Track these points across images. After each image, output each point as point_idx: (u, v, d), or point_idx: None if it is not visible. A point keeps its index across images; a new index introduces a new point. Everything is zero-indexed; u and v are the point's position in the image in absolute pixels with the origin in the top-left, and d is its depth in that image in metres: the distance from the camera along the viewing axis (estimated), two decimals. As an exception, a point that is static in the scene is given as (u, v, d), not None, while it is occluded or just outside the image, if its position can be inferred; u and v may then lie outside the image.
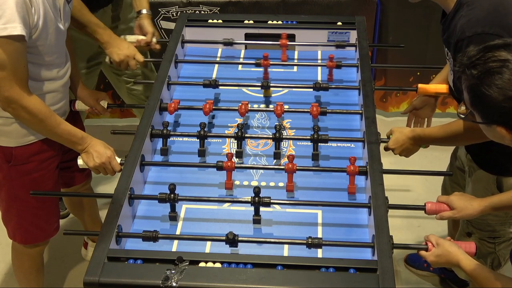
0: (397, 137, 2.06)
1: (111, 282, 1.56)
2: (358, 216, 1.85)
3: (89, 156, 2.00)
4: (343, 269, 1.59)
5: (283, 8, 3.19)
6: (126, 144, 2.01)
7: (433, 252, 1.68)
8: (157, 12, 3.22)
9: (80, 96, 2.34)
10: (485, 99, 1.42)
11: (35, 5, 1.81)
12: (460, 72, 1.48)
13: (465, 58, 1.47)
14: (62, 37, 2.03)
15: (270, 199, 1.78)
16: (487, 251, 2.23)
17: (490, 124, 1.46)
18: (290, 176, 1.91)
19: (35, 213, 2.19)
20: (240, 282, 1.54)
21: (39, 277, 2.42)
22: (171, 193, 1.80)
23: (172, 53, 2.38)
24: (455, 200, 1.81)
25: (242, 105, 2.13)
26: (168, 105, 2.15)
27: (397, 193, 3.08)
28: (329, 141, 2.02)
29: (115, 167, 2.01)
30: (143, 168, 1.95)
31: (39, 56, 1.93)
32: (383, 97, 3.66)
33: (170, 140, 2.09)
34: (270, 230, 1.82)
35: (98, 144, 2.01)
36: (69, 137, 1.98)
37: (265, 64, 2.35)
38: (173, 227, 1.83)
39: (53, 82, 2.04)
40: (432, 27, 3.36)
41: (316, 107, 2.10)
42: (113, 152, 2.02)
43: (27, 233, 2.24)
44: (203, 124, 2.05)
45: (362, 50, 2.39)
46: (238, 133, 2.02)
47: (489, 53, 1.43)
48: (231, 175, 1.92)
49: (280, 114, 2.11)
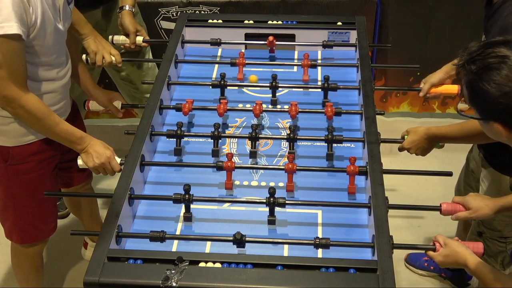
0: (412, 137, 2.06)
1: (111, 282, 1.56)
2: (358, 216, 1.85)
3: (88, 156, 2.00)
4: (343, 269, 1.59)
5: (283, 8, 3.19)
6: (126, 144, 2.01)
7: (441, 252, 1.68)
8: (157, 12, 3.21)
9: (94, 96, 2.33)
10: (483, 94, 1.42)
11: (32, 4, 1.81)
12: (460, 68, 1.48)
13: (465, 54, 1.47)
14: (61, 38, 2.03)
15: (285, 200, 1.78)
16: (498, 250, 2.23)
17: (488, 121, 1.46)
18: (290, 176, 1.91)
19: (32, 212, 2.19)
20: (240, 282, 1.54)
21: (38, 276, 2.42)
22: (186, 193, 1.80)
23: (172, 53, 2.38)
24: (470, 201, 1.81)
25: (256, 105, 2.13)
26: (182, 106, 2.14)
27: (397, 193, 3.08)
28: (328, 142, 2.02)
29: (114, 167, 2.00)
30: (143, 168, 1.95)
31: (36, 56, 1.93)
32: (383, 97, 3.66)
33: (173, 141, 2.09)
34: (270, 230, 1.82)
35: (98, 144, 2.01)
36: (68, 136, 1.98)
37: (239, 63, 2.35)
38: (173, 227, 1.83)
39: (53, 83, 2.04)
40: (432, 27, 3.36)
41: (330, 107, 2.10)
42: (113, 152, 2.01)
43: (24, 233, 2.24)
44: (217, 124, 2.04)
45: (362, 50, 2.39)
46: (252, 133, 2.02)
47: (489, 49, 1.42)
48: (231, 175, 1.92)
49: (295, 115, 2.11)
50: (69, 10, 2.06)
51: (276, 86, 2.24)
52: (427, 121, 3.70)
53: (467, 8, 3.27)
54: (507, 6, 1.83)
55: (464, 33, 3.27)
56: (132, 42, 2.49)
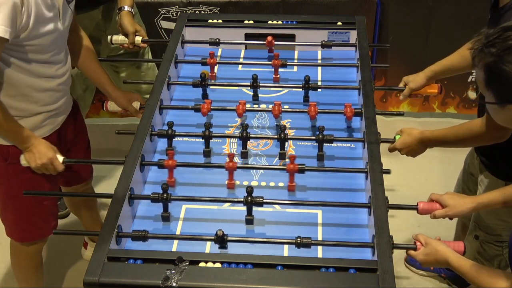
0: (405, 139, 2.05)
1: (111, 282, 1.56)
2: (358, 216, 1.85)
3: (31, 155, 2.01)
4: (343, 269, 1.59)
5: (283, 8, 3.19)
6: (126, 144, 2.01)
7: (422, 251, 1.69)
8: (157, 12, 3.22)
9: (113, 96, 2.34)
10: (503, 76, 1.41)
11: (26, 5, 1.81)
12: (477, 51, 1.47)
13: (482, 38, 1.46)
14: (60, 37, 2.03)
15: (262, 199, 1.78)
16: (494, 253, 2.23)
17: (505, 104, 1.45)
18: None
19: (32, 211, 2.20)
20: (240, 282, 1.54)
21: (37, 275, 2.42)
22: (164, 192, 1.81)
23: (172, 53, 2.38)
24: (447, 198, 1.81)
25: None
26: (201, 106, 2.13)
27: (397, 193, 3.09)
28: (329, 142, 2.02)
29: (57, 167, 2.02)
30: (143, 168, 1.95)
31: (32, 53, 1.93)
32: (383, 97, 3.66)
33: (173, 141, 2.09)
34: (270, 230, 1.82)
35: (41, 144, 2.01)
36: (14, 134, 1.99)
37: (211, 63, 2.35)
38: (173, 227, 1.83)
39: (52, 80, 2.04)
40: (432, 27, 3.36)
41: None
42: (56, 152, 2.03)
43: (24, 231, 2.24)
44: (208, 124, 2.04)
45: (362, 50, 2.39)
46: (243, 133, 2.02)
47: (508, 32, 1.42)
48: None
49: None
50: (69, 9, 2.06)
51: (258, 86, 2.25)
52: (427, 121, 3.71)
53: (467, 8, 3.27)
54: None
55: (464, 33, 3.23)
56: (130, 42, 2.49)
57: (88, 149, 2.46)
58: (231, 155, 1.93)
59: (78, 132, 2.36)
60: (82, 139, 2.42)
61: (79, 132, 2.37)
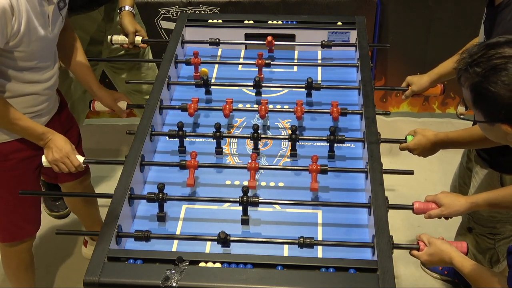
0: (420, 140, 2.04)
1: (111, 282, 1.56)
2: (358, 216, 1.85)
3: (49, 150, 2.00)
4: (343, 269, 1.59)
5: (283, 8, 3.19)
6: (126, 144, 2.01)
7: (426, 251, 1.68)
8: (157, 12, 3.22)
9: (98, 95, 2.32)
10: (490, 96, 1.40)
11: (16, 13, 1.80)
12: (462, 71, 1.46)
13: (466, 57, 1.45)
14: (49, 43, 2.02)
15: (258, 199, 1.78)
16: (487, 246, 2.23)
17: (494, 123, 1.44)
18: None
19: (13, 210, 2.18)
20: (240, 282, 1.54)
21: (28, 275, 2.40)
22: (159, 192, 1.81)
23: (172, 53, 2.38)
24: (442, 198, 1.81)
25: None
26: (188, 106, 2.14)
27: (397, 193, 3.08)
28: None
29: (73, 162, 2.00)
30: (143, 168, 1.95)
31: (20, 61, 1.92)
32: (383, 97, 3.66)
33: (173, 141, 2.09)
34: (270, 230, 1.82)
35: (59, 139, 2.01)
36: (30, 131, 1.99)
37: (195, 62, 2.35)
38: (173, 227, 1.83)
39: (37, 85, 2.04)
40: (432, 27, 3.36)
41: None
42: (73, 148, 2.02)
43: (4, 231, 2.23)
44: (218, 124, 2.04)
45: (362, 50, 2.39)
46: (254, 134, 2.03)
47: (491, 51, 1.40)
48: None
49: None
50: (61, 17, 2.05)
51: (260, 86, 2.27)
52: (427, 121, 3.70)
53: (467, 8, 3.27)
54: (511, 9, 1.81)
55: (464, 33, 3.27)
56: (130, 42, 2.49)
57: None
58: (253, 155, 1.93)
59: (67, 129, 2.31)
60: (73, 135, 2.36)
61: (69, 129, 2.32)
